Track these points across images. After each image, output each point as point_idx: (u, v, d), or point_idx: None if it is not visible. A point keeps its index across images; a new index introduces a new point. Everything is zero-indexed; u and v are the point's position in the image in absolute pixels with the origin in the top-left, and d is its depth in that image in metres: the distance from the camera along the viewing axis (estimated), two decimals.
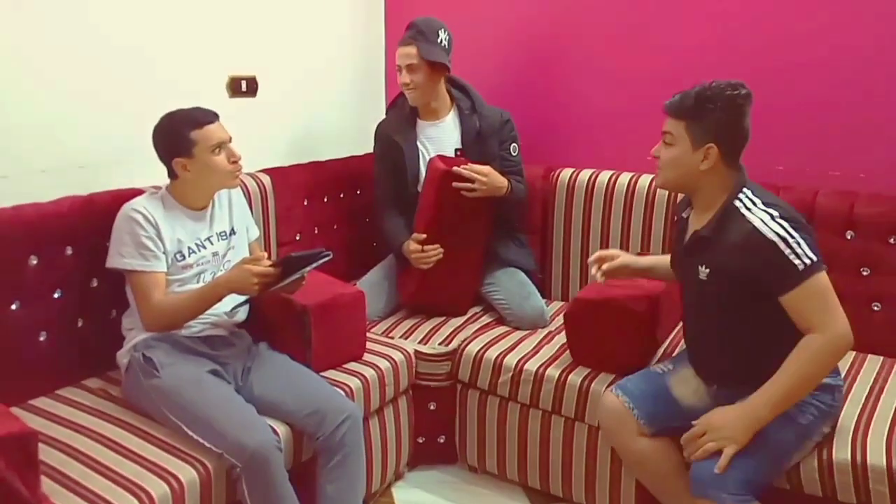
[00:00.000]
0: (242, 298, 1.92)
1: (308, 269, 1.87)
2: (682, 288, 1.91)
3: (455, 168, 2.35)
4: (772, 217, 1.62)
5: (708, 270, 1.72)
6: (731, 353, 1.76)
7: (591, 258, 2.03)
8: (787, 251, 1.58)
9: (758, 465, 1.62)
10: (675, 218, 1.95)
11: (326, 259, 1.88)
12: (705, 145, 1.68)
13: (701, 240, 1.74)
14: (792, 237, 1.59)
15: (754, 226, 1.62)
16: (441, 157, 2.44)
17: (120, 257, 1.87)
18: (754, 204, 1.66)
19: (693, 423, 1.70)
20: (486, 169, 2.39)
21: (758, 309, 1.66)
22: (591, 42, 2.72)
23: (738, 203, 1.68)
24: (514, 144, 2.56)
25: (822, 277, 1.60)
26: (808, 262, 1.58)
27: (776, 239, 1.59)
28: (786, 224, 1.61)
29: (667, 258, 2.02)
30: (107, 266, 1.90)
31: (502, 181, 2.43)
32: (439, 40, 2.45)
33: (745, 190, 1.70)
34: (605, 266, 1.97)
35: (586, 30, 2.73)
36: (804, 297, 1.59)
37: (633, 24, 2.63)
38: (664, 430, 1.84)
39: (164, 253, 1.89)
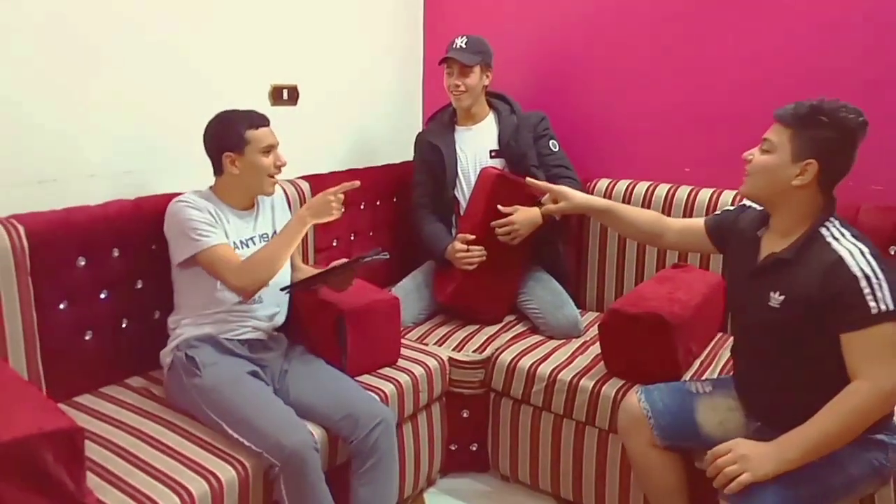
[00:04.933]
0: (287, 282, 2.03)
1: (362, 261, 1.96)
2: (737, 311, 1.82)
3: (493, 224, 2.40)
4: (861, 252, 1.52)
5: (782, 297, 1.60)
6: (785, 387, 1.66)
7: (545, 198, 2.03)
8: (867, 290, 1.48)
9: (796, 501, 1.54)
10: (740, 236, 1.80)
11: (382, 257, 1.96)
12: (805, 160, 1.57)
13: (779, 262, 1.62)
14: (877, 278, 1.49)
15: (841, 256, 1.53)
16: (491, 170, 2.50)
17: (187, 245, 1.89)
18: (843, 235, 1.57)
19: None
20: (511, 209, 2.41)
21: (821, 346, 1.57)
22: (627, 55, 2.72)
23: (823, 231, 1.58)
24: (552, 140, 2.60)
25: (893, 329, 1.49)
26: (884, 308, 1.48)
27: (860, 275, 1.50)
28: (874, 263, 1.51)
29: (630, 208, 2.03)
30: (177, 264, 1.92)
31: (533, 211, 2.44)
32: (486, 49, 2.60)
33: (832, 220, 1.60)
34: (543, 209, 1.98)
35: (621, 42, 2.73)
36: (866, 342, 1.50)
37: (670, 36, 2.62)
38: (677, 446, 1.82)
39: (223, 232, 1.94)
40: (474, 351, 2.35)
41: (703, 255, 2.46)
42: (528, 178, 2.19)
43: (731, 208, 1.91)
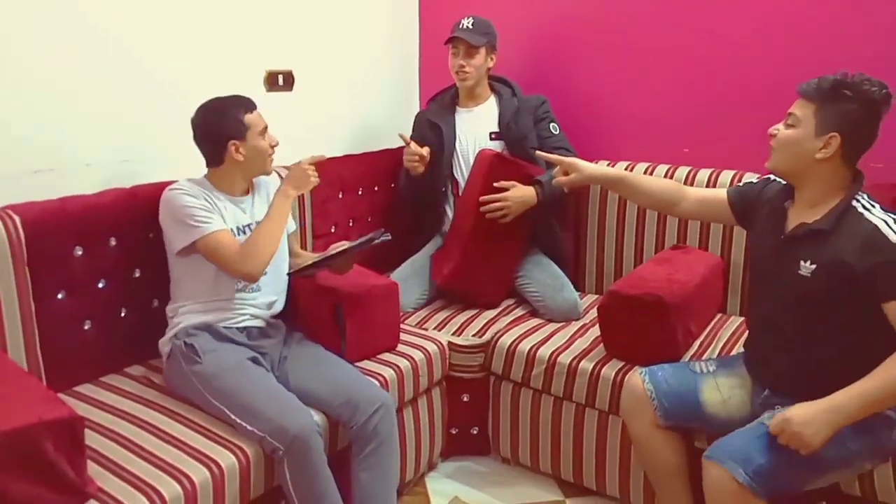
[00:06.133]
0: (286, 269, 2.05)
1: (365, 243, 1.99)
2: (762, 282, 1.82)
3: (482, 198, 2.40)
4: (895, 221, 1.56)
5: (814, 266, 1.61)
6: (815, 357, 1.66)
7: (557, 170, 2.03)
8: None
9: (786, 467, 1.55)
10: (766, 208, 1.81)
11: (385, 238, 1.99)
12: (829, 133, 1.59)
13: (814, 233, 1.63)
14: None
15: (877, 226, 1.55)
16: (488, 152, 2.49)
17: (186, 233, 1.89)
18: (874, 206, 1.60)
19: (766, 422, 1.59)
20: (508, 184, 2.41)
21: (855, 314, 1.59)
22: (624, 37, 2.70)
23: (855, 203, 1.61)
24: (553, 123, 2.61)
25: None
26: None
27: None
28: None
29: (644, 177, 2.05)
30: (176, 252, 1.91)
31: (528, 190, 2.43)
32: (492, 31, 2.61)
33: (861, 193, 1.63)
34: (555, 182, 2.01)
35: (619, 25, 2.71)
36: None
37: (669, 18, 2.60)
38: (679, 426, 1.82)
39: (220, 217, 1.94)
40: (474, 335, 2.35)
41: (702, 234, 2.46)
42: (538, 151, 2.19)
43: (755, 181, 1.91)
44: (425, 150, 2.51)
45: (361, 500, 1.85)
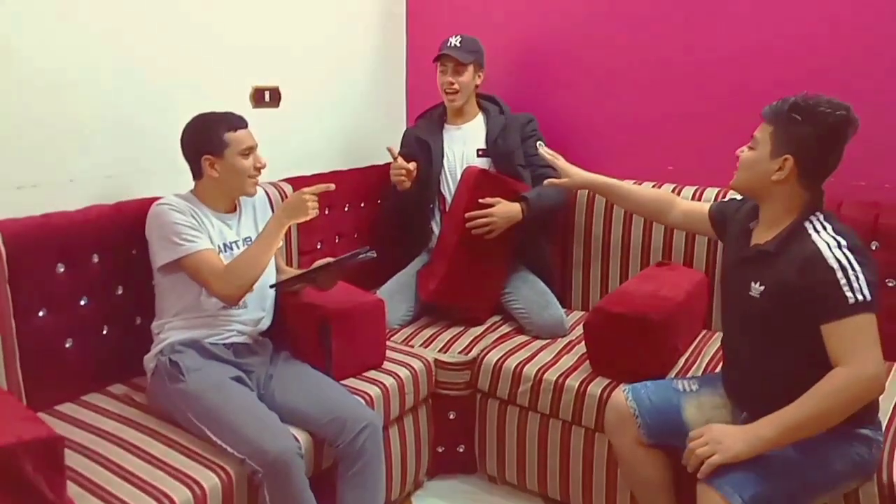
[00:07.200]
0: (272, 280, 2.04)
1: (350, 259, 1.98)
2: (725, 301, 1.85)
3: (468, 214, 2.42)
4: (838, 245, 1.55)
5: (762, 288, 1.64)
6: (768, 378, 1.68)
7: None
8: (843, 282, 1.51)
9: (781, 493, 1.55)
10: (736, 227, 1.84)
11: (370, 256, 1.98)
12: (783, 156, 1.61)
13: (762, 255, 1.66)
14: (853, 269, 1.52)
15: (818, 248, 1.56)
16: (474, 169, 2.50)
17: (170, 250, 1.87)
18: (824, 228, 1.60)
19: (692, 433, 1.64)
20: (493, 200, 2.42)
21: (802, 336, 1.59)
22: (610, 56, 2.73)
23: (807, 224, 1.62)
24: (539, 141, 2.60)
25: (869, 319, 1.52)
26: (860, 298, 1.50)
27: (836, 266, 1.52)
28: (850, 255, 1.54)
29: (633, 185, 2.10)
30: (159, 267, 1.90)
31: (513, 206, 2.45)
32: (480, 49, 2.63)
33: (817, 214, 1.63)
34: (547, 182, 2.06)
35: (604, 43, 2.73)
36: (844, 332, 1.52)
37: (654, 37, 2.63)
38: (663, 444, 1.82)
39: (207, 236, 1.92)
40: (460, 352, 2.34)
41: (687, 251, 2.48)
42: (541, 147, 2.22)
43: (738, 198, 1.93)
44: (412, 165, 2.51)
45: None
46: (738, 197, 1.94)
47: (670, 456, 1.85)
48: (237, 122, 1.96)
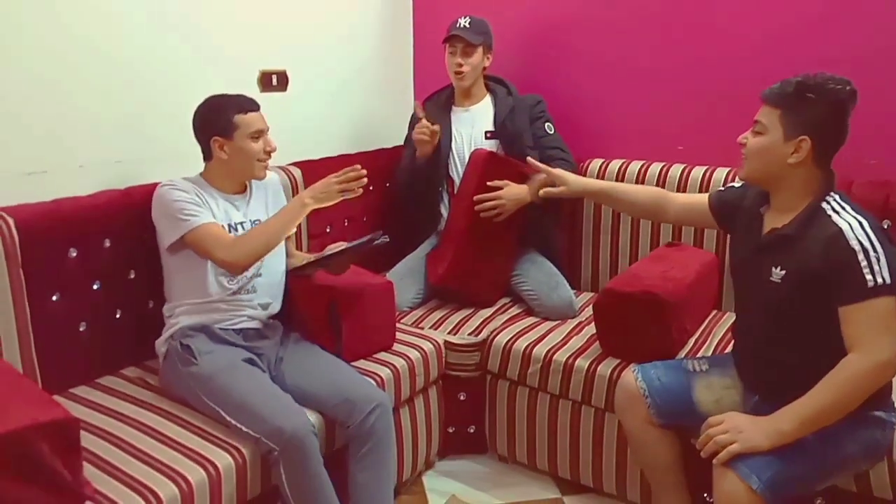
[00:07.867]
0: (283, 271, 2.04)
1: (363, 245, 1.98)
2: (740, 287, 1.83)
3: (476, 197, 2.41)
4: (860, 225, 1.53)
5: (783, 272, 1.61)
6: (784, 364, 1.66)
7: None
8: (864, 263, 1.49)
9: (797, 475, 1.55)
10: (745, 213, 1.80)
11: (383, 241, 1.98)
12: (798, 137, 1.57)
13: (782, 238, 1.63)
14: (875, 251, 1.49)
15: (841, 229, 1.53)
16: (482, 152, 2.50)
17: (174, 227, 1.88)
18: (843, 209, 1.57)
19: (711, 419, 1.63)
20: (502, 183, 2.42)
21: (822, 321, 1.57)
22: (619, 36, 2.71)
23: (825, 205, 1.59)
24: (548, 123, 2.61)
25: (889, 302, 1.49)
26: (880, 280, 1.48)
27: (858, 248, 1.50)
28: (873, 236, 1.51)
29: (628, 187, 2.07)
30: (166, 247, 1.91)
31: (522, 188, 2.45)
32: (489, 31, 2.62)
33: (833, 194, 1.61)
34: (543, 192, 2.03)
35: (613, 23, 2.71)
36: (862, 315, 1.50)
37: (662, 16, 2.61)
38: (673, 424, 1.83)
39: (211, 213, 1.93)
40: (470, 334, 2.35)
41: (697, 231, 2.47)
42: (529, 159, 2.20)
43: (737, 185, 1.90)
44: (437, 127, 2.50)
45: (358, 500, 1.85)
46: (736, 184, 1.92)
47: (680, 436, 1.85)
48: (248, 105, 1.96)
